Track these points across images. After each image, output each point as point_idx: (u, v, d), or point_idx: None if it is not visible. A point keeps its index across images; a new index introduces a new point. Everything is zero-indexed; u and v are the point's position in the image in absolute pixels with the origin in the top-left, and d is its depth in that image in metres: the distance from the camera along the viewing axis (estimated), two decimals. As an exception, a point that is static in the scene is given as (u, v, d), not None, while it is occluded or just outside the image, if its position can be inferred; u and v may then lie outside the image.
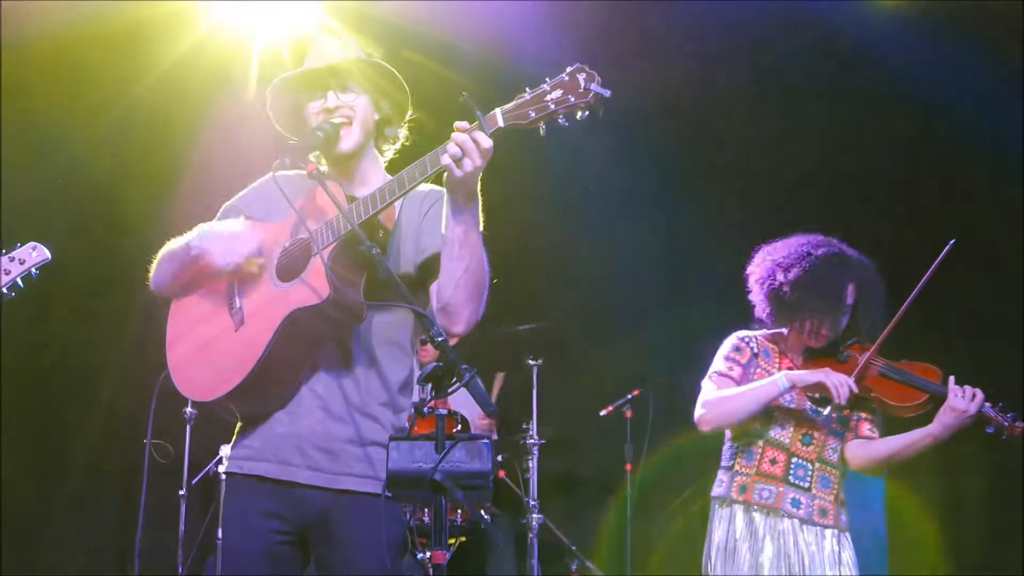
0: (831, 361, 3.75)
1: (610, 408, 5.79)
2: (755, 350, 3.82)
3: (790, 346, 3.84)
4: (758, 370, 3.79)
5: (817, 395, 3.72)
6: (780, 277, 3.77)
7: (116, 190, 6.37)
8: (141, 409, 4.59)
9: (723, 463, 3.82)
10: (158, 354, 2.92)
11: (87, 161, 6.33)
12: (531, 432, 5.42)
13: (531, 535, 5.29)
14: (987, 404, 3.65)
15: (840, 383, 3.54)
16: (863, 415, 3.80)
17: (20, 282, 3.60)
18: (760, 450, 3.73)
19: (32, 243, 3.63)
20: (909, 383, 3.71)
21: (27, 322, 6.23)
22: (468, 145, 2.53)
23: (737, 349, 3.83)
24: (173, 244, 2.91)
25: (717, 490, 3.79)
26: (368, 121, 2.91)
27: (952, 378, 3.66)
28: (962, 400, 3.59)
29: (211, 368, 2.80)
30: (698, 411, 3.76)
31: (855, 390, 3.57)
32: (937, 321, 5.51)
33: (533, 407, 5.48)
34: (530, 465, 5.38)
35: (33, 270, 3.60)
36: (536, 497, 5.32)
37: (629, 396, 5.75)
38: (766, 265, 3.83)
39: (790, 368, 3.76)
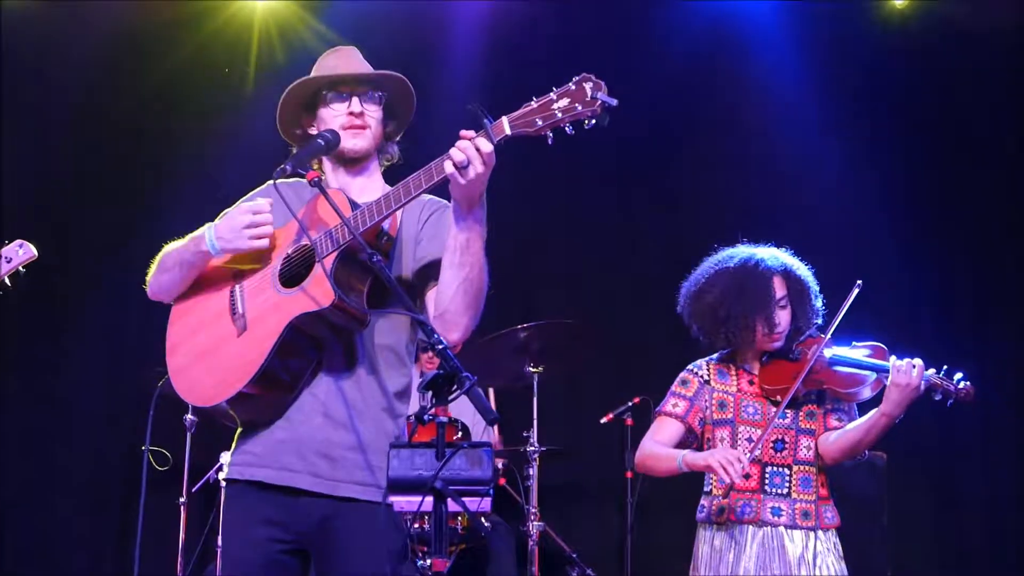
0: (784, 362, 3.76)
1: (610, 416, 5.78)
2: (705, 377, 3.84)
3: (745, 359, 3.85)
4: (715, 393, 3.80)
5: (778, 397, 3.71)
6: (708, 300, 3.80)
7: (123, 192, 6.39)
8: (142, 415, 4.59)
9: (704, 488, 3.82)
10: (159, 359, 2.92)
11: (92, 162, 6.35)
12: (531, 440, 5.42)
13: (531, 543, 5.28)
14: (931, 372, 3.57)
15: (726, 462, 3.49)
16: (828, 407, 3.77)
17: (7, 280, 3.58)
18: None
19: (19, 240, 3.61)
20: (855, 366, 3.66)
21: (29, 325, 6.24)
22: (471, 152, 2.54)
23: (683, 383, 3.87)
24: (178, 252, 2.90)
25: (699, 515, 3.79)
26: (379, 133, 2.96)
27: (894, 356, 3.60)
28: (903, 374, 3.52)
29: (213, 374, 2.80)
30: (637, 452, 3.85)
31: (746, 466, 3.51)
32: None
33: (533, 415, 5.47)
34: (530, 473, 5.38)
35: (21, 268, 3.59)
36: (536, 505, 5.31)
37: (630, 404, 5.74)
38: (690, 297, 3.87)
39: (750, 381, 3.79)
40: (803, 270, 3.83)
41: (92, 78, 6.37)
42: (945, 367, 3.61)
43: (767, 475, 3.70)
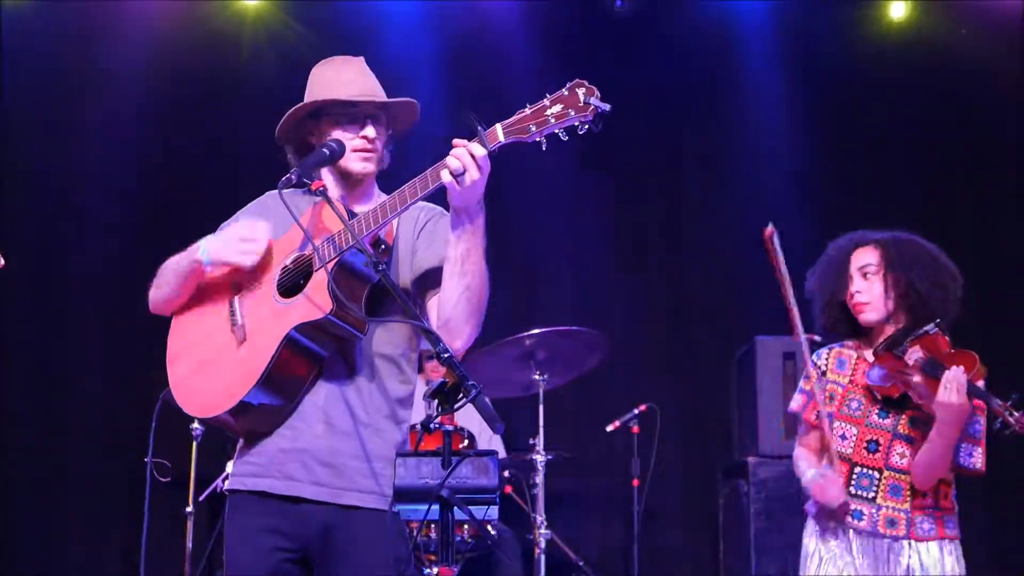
0: (891, 357, 3.47)
1: (617, 423, 5.77)
2: (823, 368, 3.64)
3: (868, 347, 3.61)
4: (828, 384, 3.61)
5: (880, 395, 3.49)
6: (807, 291, 3.72)
7: (125, 195, 6.40)
8: (147, 426, 4.60)
9: None
10: (161, 371, 2.93)
11: (93, 164, 6.36)
12: (538, 448, 5.41)
13: (538, 551, 5.27)
14: (990, 393, 3.29)
15: (822, 498, 3.45)
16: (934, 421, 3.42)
17: None
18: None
19: None
20: (933, 374, 3.34)
21: (33, 333, 6.25)
22: (466, 159, 2.56)
23: (806, 377, 3.68)
24: (175, 263, 2.91)
25: (805, 509, 3.67)
26: (383, 152, 2.95)
27: (958, 368, 3.30)
28: (944, 391, 3.27)
29: (213, 384, 2.80)
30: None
31: (842, 499, 3.43)
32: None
33: (540, 423, 5.47)
34: (537, 481, 5.37)
35: None
36: (543, 513, 5.31)
37: (636, 411, 5.73)
38: None
39: (866, 369, 3.55)
40: (910, 241, 3.57)
41: (92, 77, 6.38)
42: (1015, 396, 3.30)
43: (854, 476, 3.51)
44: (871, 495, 3.49)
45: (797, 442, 3.73)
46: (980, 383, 3.35)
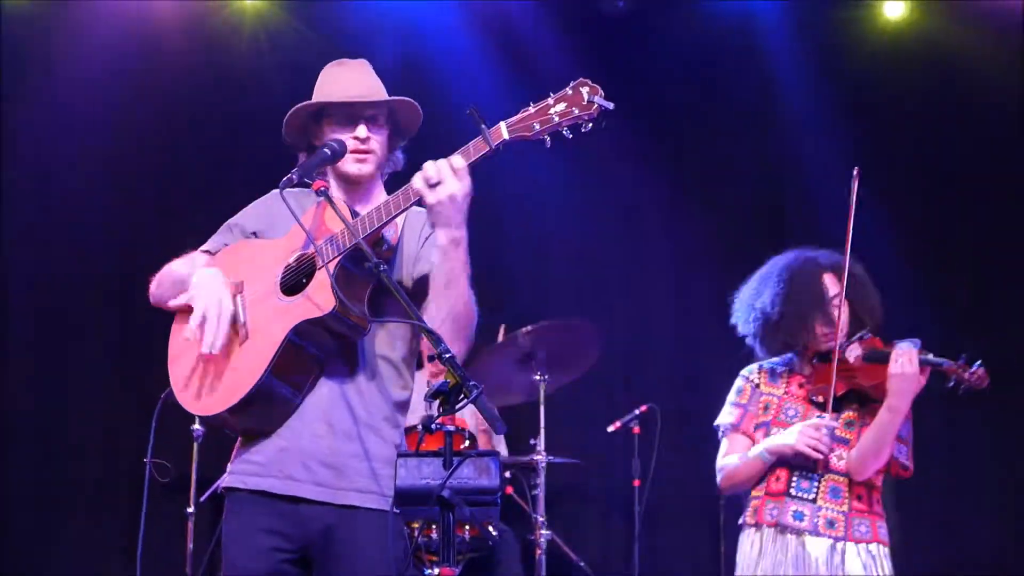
0: (830, 364, 3.59)
1: (618, 424, 5.77)
2: (756, 381, 3.76)
3: (801, 362, 3.75)
4: (763, 396, 3.72)
5: (819, 398, 3.61)
6: (760, 305, 3.74)
7: (127, 196, 6.39)
8: (147, 426, 4.60)
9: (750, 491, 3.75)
10: (162, 369, 2.93)
11: (93, 165, 6.34)
12: (539, 448, 5.41)
13: (539, 552, 5.27)
14: (941, 358, 3.45)
15: (809, 439, 3.47)
16: (867, 421, 3.59)
17: None
18: (767, 470, 3.66)
19: None
20: (880, 360, 3.52)
21: (33, 332, 6.25)
22: (445, 169, 2.57)
23: (738, 391, 3.79)
24: (179, 268, 2.91)
25: (741, 520, 3.73)
26: (384, 156, 2.96)
27: (903, 343, 3.49)
28: (897, 363, 3.43)
29: (215, 383, 2.80)
30: (717, 473, 3.77)
31: (833, 426, 3.48)
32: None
33: (540, 423, 5.47)
34: (538, 481, 5.37)
35: None
36: (544, 513, 5.31)
37: (637, 412, 5.73)
38: (744, 307, 3.80)
39: (800, 385, 3.70)
40: (856, 267, 3.71)
41: (92, 77, 6.37)
42: (964, 355, 3.47)
43: (794, 479, 3.60)
44: (811, 496, 3.58)
45: (720, 458, 3.77)
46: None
